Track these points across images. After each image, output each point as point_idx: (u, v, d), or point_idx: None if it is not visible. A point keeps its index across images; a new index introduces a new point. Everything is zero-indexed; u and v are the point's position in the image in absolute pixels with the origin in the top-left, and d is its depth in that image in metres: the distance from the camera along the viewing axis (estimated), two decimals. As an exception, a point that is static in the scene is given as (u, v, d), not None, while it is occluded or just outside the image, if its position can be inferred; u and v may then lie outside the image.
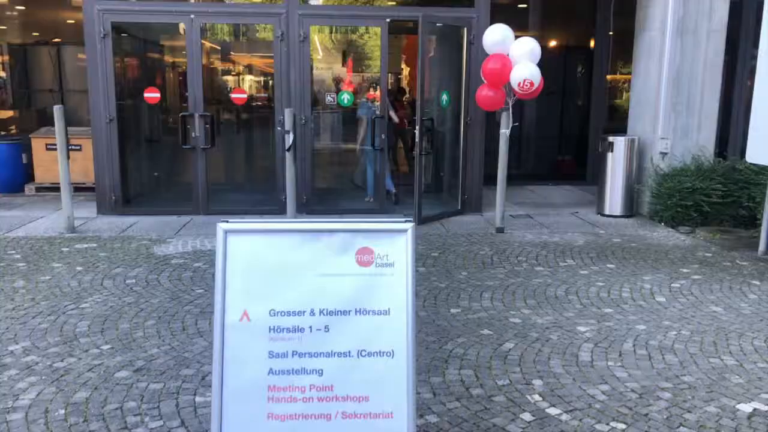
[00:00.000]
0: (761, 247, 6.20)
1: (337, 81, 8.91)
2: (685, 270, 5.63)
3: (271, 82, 8.94)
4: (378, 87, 8.15)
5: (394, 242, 2.19)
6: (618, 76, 11.38)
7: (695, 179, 7.22)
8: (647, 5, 7.87)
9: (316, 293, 2.22)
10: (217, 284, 2.25)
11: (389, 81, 7.78)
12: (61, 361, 3.70)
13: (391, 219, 2.21)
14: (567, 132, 10.91)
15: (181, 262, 5.74)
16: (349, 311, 2.23)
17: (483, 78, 6.76)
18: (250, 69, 9.98)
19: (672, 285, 5.20)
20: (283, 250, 2.22)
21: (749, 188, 7.08)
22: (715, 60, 7.61)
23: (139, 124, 8.70)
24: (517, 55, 6.42)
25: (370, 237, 2.19)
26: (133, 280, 5.20)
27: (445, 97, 7.79)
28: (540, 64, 6.55)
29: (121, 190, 7.67)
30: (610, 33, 10.14)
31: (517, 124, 7.00)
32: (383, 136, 7.84)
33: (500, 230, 7.04)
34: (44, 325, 4.24)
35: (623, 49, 10.76)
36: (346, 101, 7.93)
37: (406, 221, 2.20)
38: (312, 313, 2.22)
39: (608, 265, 5.77)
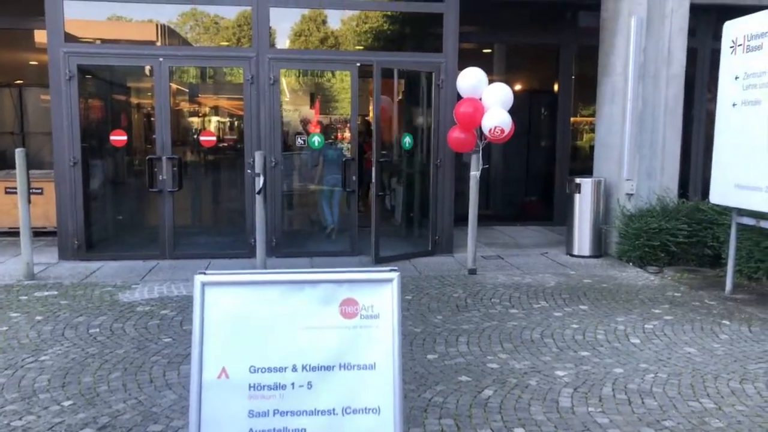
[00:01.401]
0: (728, 286, 6.30)
1: (306, 123, 8.91)
2: (656, 310, 5.67)
3: (239, 123, 8.90)
4: (348, 129, 8.17)
5: (380, 292, 2.12)
6: (580, 119, 11.65)
7: (661, 220, 7.36)
8: (609, 52, 8.13)
9: (298, 348, 2.13)
10: (193, 340, 2.15)
11: (359, 123, 7.81)
12: (20, 419, 3.49)
13: (376, 269, 2.15)
14: (533, 173, 11.08)
15: (148, 309, 5.56)
16: (333, 366, 2.14)
17: (455, 120, 6.83)
18: (218, 111, 9.93)
19: (645, 326, 5.22)
20: (264, 302, 2.13)
21: (713, 228, 7.24)
22: (675, 104, 7.86)
23: (104, 167, 8.52)
24: (490, 101, 6.52)
25: (354, 287, 2.12)
26: (97, 330, 4.99)
27: (408, 139, 7.84)
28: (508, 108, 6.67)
29: (84, 234, 7.45)
30: (573, 77, 10.43)
31: (487, 166, 7.06)
32: (354, 178, 7.83)
33: (473, 272, 7.03)
34: (1, 380, 4.01)
35: (585, 92, 11.07)
36: (316, 143, 7.92)
37: (391, 270, 2.14)
38: (294, 369, 2.13)
39: (581, 307, 5.78)
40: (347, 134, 8.16)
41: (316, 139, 7.95)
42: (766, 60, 5.56)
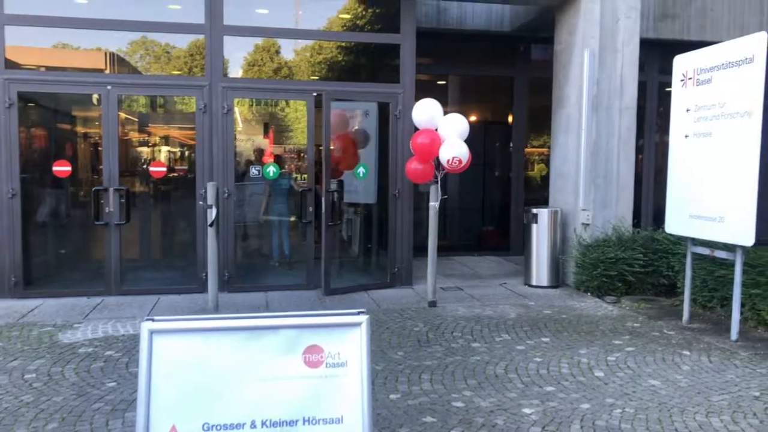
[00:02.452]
0: (685, 316, 6.34)
1: (261, 153, 8.72)
2: (617, 342, 5.64)
3: (190, 153, 8.63)
4: (304, 159, 8.01)
5: (347, 338, 1.96)
6: (534, 150, 11.80)
7: (617, 249, 7.41)
8: (564, 84, 8.25)
9: (258, 402, 1.94)
10: (139, 395, 1.93)
11: (315, 153, 7.67)
12: (-58, 481, 3.14)
13: (342, 312, 1.98)
14: (489, 203, 11.11)
15: (90, 350, 5.21)
16: (297, 421, 1.95)
17: (412, 151, 6.76)
18: (168, 140, 9.63)
19: (608, 358, 5.17)
20: (219, 352, 1.94)
21: (668, 258, 7.33)
22: (628, 135, 8.00)
23: (46, 199, 8.09)
24: (447, 132, 6.48)
25: (318, 333, 1.95)
26: (33, 375, 4.63)
27: (362, 170, 7.74)
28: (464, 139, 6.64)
29: (23, 269, 7.02)
30: (526, 109, 10.56)
31: (446, 197, 6.99)
32: (311, 209, 7.65)
33: (433, 304, 6.90)
34: None
35: (538, 123, 11.25)
36: (271, 174, 7.72)
37: (359, 313, 1.98)
38: (253, 425, 1.93)
39: (543, 339, 5.70)
40: (303, 164, 7.99)
41: (271, 170, 7.75)
42: (717, 93, 5.69)
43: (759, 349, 5.45)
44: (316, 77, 8.27)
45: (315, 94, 7.53)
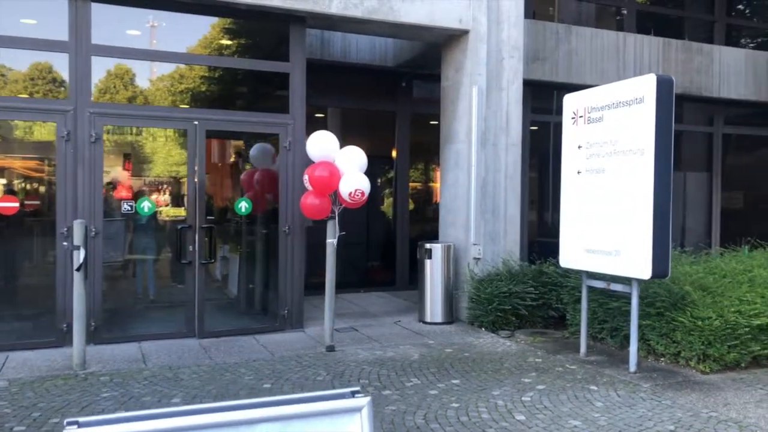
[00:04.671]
0: (582, 349, 6.43)
1: (134, 186, 7.85)
2: (526, 380, 5.54)
3: (39, 187, 7.57)
4: (185, 193, 7.31)
5: (344, 427, 1.53)
6: (417, 184, 11.81)
7: (510, 283, 7.44)
8: (453, 119, 8.28)
9: None
10: None
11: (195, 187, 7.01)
12: None
13: (335, 392, 1.55)
14: (374, 238, 10.89)
15: (-77, 430, 4.19)
16: None
17: (308, 185, 6.37)
18: (18, 174, 8.40)
19: (523, 398, 5.03)
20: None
21: (557, 290, 7.48)
22: (514, 170, 8.16)
23: None
24: (346, 165, 6.17)
25: (309, 424, 1.50)
26: None
27: (244, 204, 7.23)
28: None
29: None
30: (409, 144, 10.55)
31: (344, 233, 6.65)
32: (191, 248, 6.96)
33: (331, 348, 6.46)
34: None
35: (422, 159, 11.30)
36: (146, 209, 6.94)
37: (353, 393, 1.56)
38: None
39: (454, 381, 5.48)
40: (184, 199, 7.28)
41: (146, 205, 6.97)
42: (608, 131, 5.90)
43: (656, 379, 5.61)
44: (199, 105, 7.64)
45: (196, 122, 6.93)
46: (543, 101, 10.50)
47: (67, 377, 5.48)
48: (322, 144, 6.32)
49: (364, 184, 6.12)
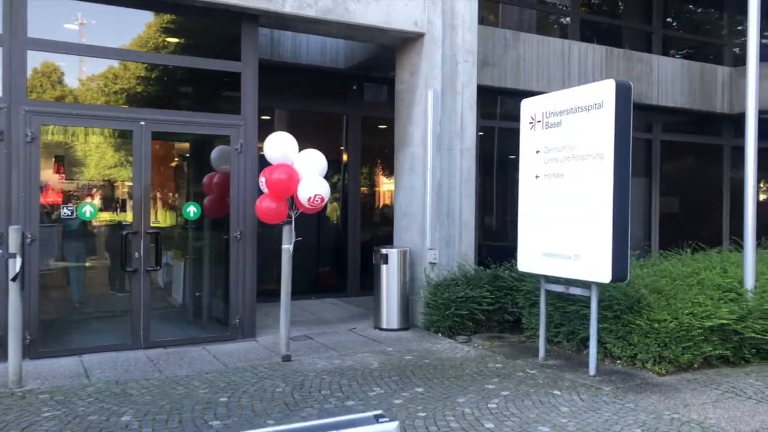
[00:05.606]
0: (541, 353, 6.44)
1: (73, 190, 7.38)
2: (490, 386, 5.49)
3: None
4: (130, 197, 6.93)
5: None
6: (368, 188, 11.68)
7: (467, 288, 7.40)
8: (408, 123, 8.20)
9: None
10: None
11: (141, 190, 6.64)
12: None
13: (355, 417, 1.39)
14: (325, 244, 10.68)
15: None
16: None
17: (264, 188, 6.13)
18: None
19: (489, 405, 4.97)
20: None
21: (512, 294, 7.49)
22: (469, 175, 8.15)
23: None
24: (305, 169, 5.98)
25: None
26: None
27: (192, 208, 6.94)
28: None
29: None
30: (360, 147, 10.41)
31: (300, 238, 6.44)
32: (137, 255, 6.60)
33: (287, 358, 6.24)
34: None
35: (374, 163, 11.17)
36: (88, 214, 6.53)
37: (376, 417, 1.40)
38: None
39: (417, 389, 5.36)
40: (129, 203, 6.90)
41: (88, 209, 6.57)
42: (567, 136, 5.93)
43: (616, 382, 5.66)
44: (146, 104, 7.26)
45: (143, 122, 6.58)
46: (490, 107, 10.57)
47: (2, 396, 5.06)
48: (281, 146, 6.10)
49: (324, 189, 5.94)
